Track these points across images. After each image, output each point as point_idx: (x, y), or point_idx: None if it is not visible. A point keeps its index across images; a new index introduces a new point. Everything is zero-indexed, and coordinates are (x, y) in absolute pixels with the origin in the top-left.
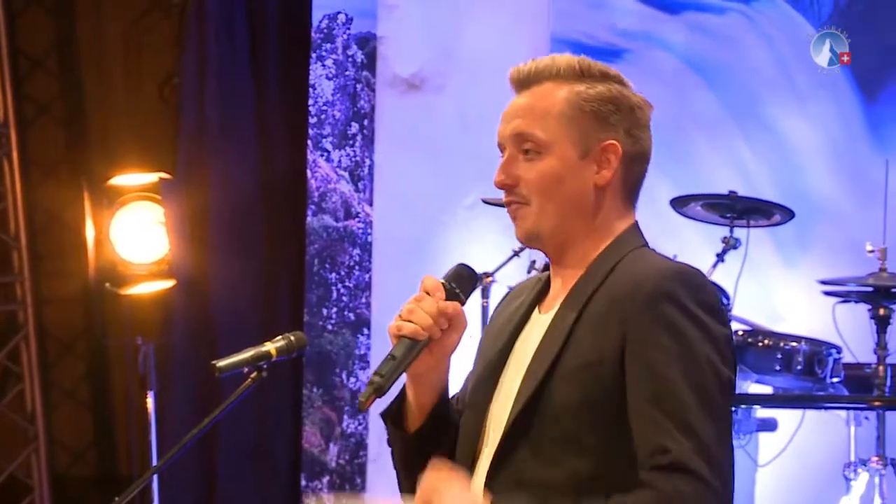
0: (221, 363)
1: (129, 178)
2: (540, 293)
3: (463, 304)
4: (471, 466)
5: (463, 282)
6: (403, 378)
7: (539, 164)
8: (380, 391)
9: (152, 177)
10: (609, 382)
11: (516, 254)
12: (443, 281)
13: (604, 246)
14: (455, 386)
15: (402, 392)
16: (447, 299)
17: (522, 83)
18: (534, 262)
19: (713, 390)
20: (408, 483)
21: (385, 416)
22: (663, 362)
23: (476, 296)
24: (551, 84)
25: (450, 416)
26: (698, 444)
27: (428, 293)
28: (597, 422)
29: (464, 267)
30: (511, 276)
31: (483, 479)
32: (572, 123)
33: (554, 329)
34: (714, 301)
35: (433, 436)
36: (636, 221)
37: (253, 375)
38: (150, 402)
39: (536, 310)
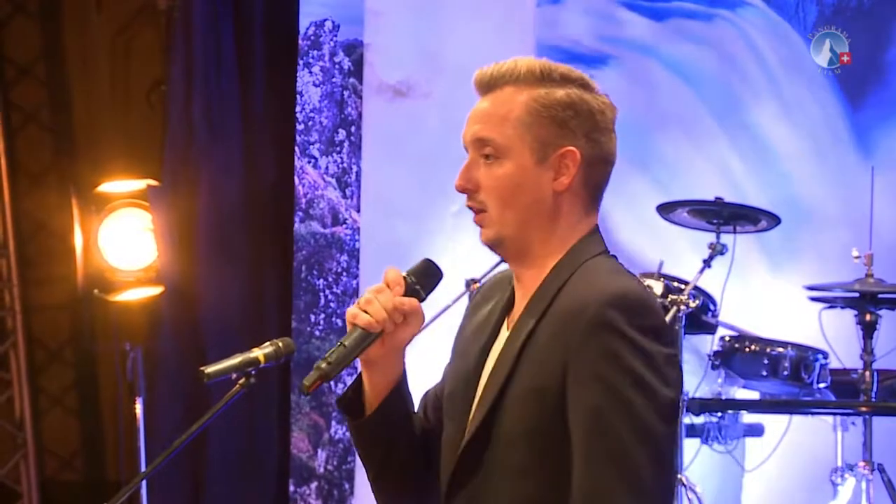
0: (209, 369)
1: (116, 185)
2: (509, 301)
3: (422, 300)
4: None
5: (425, 278)
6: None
7: (497, 169)
8: (325, 377)
9: (140, 184)
10: (554, 410)
11: (503, 260)
12: (405, 275)
13: (561, 255)
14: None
15: (359, 378)
16: (406, 294)
17: (485, 87)
18: None
19: (652, 421)
20: (369, 466)
21: (338, 401)
22: (602, 398)
23: (464, 301)
24: (512, 88)
25: (405, 405)
26: (635, 486)
27: (388, 286)
28: (545, 448)
29: (429, 263)
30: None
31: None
32: (530, 129)
33: (506, 352)
34: (656, 322)
35: (386, 424)
36: (596, 226)
37: (241, 382)
38: (138, 408)
39: (505, 323)
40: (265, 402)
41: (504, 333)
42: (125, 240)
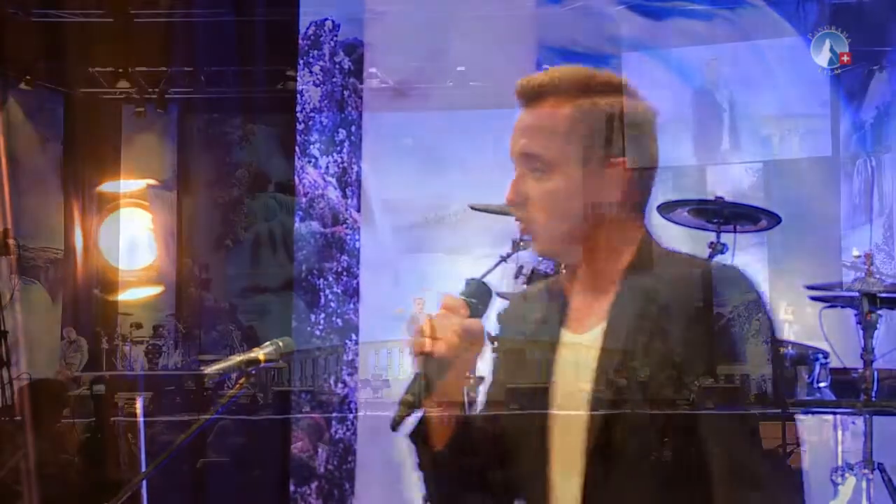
0: (210, 369)
1: (117, 185)
2: (561, 310)
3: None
4: (544, 486)
5: (482, 298)
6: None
7: (547, 183)
8: (412, 410)
9: (140, 183)
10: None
11: (503, 259)
12: (465, 298)
13: (627, 258)
14: None
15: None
16: (470, 316)
17: (528, 98)
18: (521, 267)
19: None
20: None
21: (414, 436)
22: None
23: None
24: (555, 100)
25: (472, 427)
26: (762, 450)
27: (450, 311)
28: (671, 425)
29: (480, 283)
30: (498, 282)
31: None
32: (578, 142)
33: (608, 350)
34: (755, 288)
35: (463, 448)
36: (647, 227)
37: (241, 381)
38: (138, 407)
39: (564, 330)
40: (266, 402)
41: (572, 338)
42: (125, 239)
